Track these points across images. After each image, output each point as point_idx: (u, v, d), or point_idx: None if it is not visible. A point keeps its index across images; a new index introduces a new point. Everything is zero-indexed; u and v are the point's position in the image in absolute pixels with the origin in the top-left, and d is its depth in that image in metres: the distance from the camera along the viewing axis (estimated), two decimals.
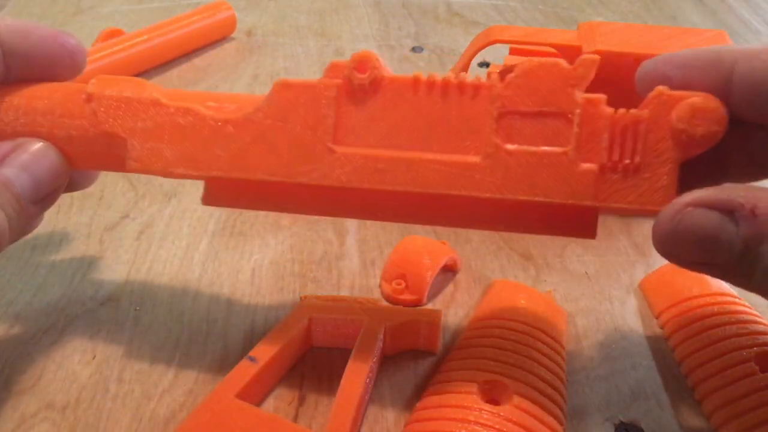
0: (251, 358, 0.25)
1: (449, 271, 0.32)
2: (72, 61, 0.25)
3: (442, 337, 0.28)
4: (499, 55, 0.47)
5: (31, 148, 0.24)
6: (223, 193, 0.24)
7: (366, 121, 0.22)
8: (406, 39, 0.54)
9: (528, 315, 0.28)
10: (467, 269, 0.32)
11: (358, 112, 0.22)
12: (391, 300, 0.30)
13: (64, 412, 0.25)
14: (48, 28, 0.25)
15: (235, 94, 0.25)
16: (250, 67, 0.49)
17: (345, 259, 0.32)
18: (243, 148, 0.23)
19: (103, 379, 0.27)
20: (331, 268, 0.32)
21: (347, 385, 0.24)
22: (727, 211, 0.19)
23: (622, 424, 0.25)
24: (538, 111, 0.21)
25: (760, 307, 0.28)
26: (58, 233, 0.34)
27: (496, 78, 0.22)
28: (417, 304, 0.30)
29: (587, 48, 0.32)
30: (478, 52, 0.35)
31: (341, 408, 0.24)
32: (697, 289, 0.29)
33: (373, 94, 0.22)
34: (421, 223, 0.24)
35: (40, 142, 0.24)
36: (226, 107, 0.23)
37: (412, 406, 0.25)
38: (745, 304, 0.28)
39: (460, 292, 0.31)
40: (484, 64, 0.49)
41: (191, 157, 0.23)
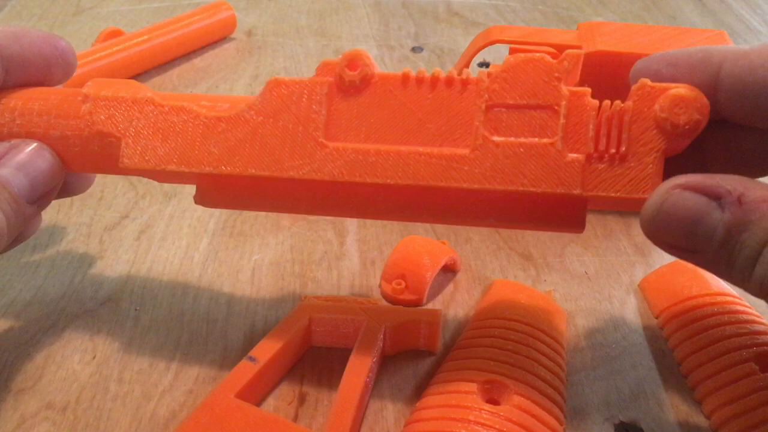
0: (251, 358, 0.25)
1: (449, 271, 0.32)
2: (64, 62, 0.26)
3: (442, 337, 0.28)
4: (499, 55, 0.48)
5: (27, 148, 0.24)
6: (216, 192, 0.25)
7: (357, 116, 0.23)
8: (406, 39, 0.54)
9: (528, 315, 0.28)
10: (467, 269, 0.32)
11: (349, 108, 0.23)
12: (391, 300, 0.30)
13: (64, 412, 0.25)
14: (38, 31, 0.25)
15: (229, 95, 0.25)
16: (250, 67, 0.49)
17: (345, 259, 0.32)
18: (235, 144, 0.23)
19: (103, 379, 0.27)
20: (331, 268, 0.32)
21: (347, 385, 0.24)
22: (713, 196, 0.19)
23: (622, 424, 0.25)
24: (525, 104, 0.22)
25: (760, 307, 0.28)
26: (58, 233, 0.34)
27: (484, 74, 0.22)
28: (417, 304, 0.30)
29: (587, 48, 0.32)
30: (478, 52, 0.35)
31: (341, 408, 0.24)
32: (697, 289, 0.29)
33: (363, 90, 0.23)
34: (412, 220, 0.24)
35: (35, 143, 0.24)
36: (219, 106, 0.24)
37: (412, 406, 0.25)
38: (745, 304, 0.28)
39: (460, 292, 0.31)
40: (484, 64, 0.49)
41: (183, 154, 0.24)
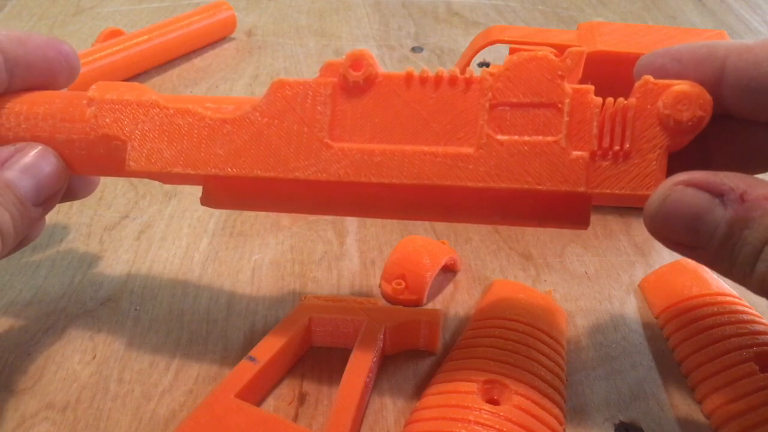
0: (251, 358, 0.25)
1: (449, 271, 0.32)
2: (68, 66, 0.26)
3: (442, 337, 0.28)
4: (499, 55, 0.48)
5: (32, 151, 0.24)
6: (222, 193, 0.25)
7: (361, 117, 0.23)
8: (406, 39, 0.54)
9: (528, 315, 0.28)
10: (467, 269, 0.32)
11: (353, 109, 0.23)
12: (391, 300, 0.30)
13: (64, 412, 0.25)
14: (42, 35, 0.25)
15: (234, 96, 0.25)
16: (250, 67, 0.49)
17: (345, 259, 0.32)
18: (240, 145, 0.23)
19: (103, 379, 0.27)
20: (331, 268, 0.32)
21: (347, 385, 0.24)
22: (716, 193, 0.19)
23: (622, 424, 0.25)
24: (529, 102, 0.22)
25: (760, 307, 0.28)
26: (58, 233, 0.34)
27: (488, 72, 0.22)
28: (417, 304, 0.30)
29: (587, 48, 0.32)
30: (478, 52, 0.35)
31: (341, 408, 0.24)
32: (697, 289, 0.29)
33: (367, 90, 0.23)
34: (417, 219, 0.24)
35: (40, 146, 0.24)
36: (224, 108, 0.24)
37: (412, 406, 0.25)
38: (745, 304, 0.28)
39: (460, 292, 0.31)
40: (484, 64, 0.49)
41: (189, 156, 0.23)
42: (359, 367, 0.25)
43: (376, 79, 0.23)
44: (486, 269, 0.32)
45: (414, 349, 0.28)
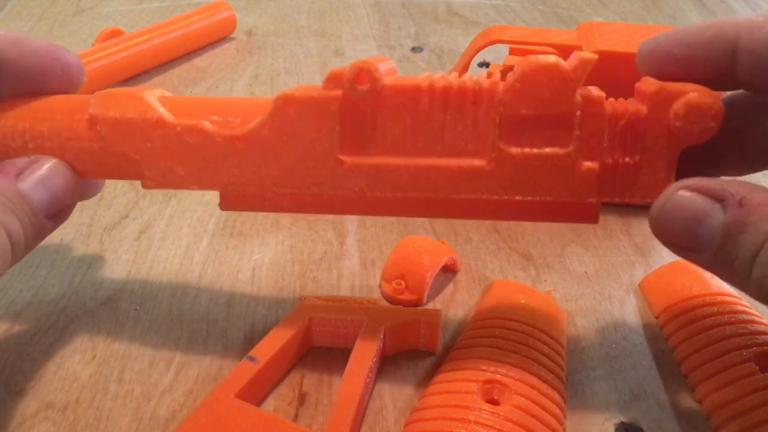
0: (251, 358, 0.25)
1: (449, 271, 0.32)
2: (66, 76, 0.25)
3: (442, 337, 0.28)
4: (499, 55, 0.48)
5: (47, 164, 0.24)
6: (240, 201, 0.25)
7: (371, 130, 0.22)
8: (406, 39, 0.54)
9: (528, 315, 0.28)
10: (467, 269, 0.32)
11: (362, 122, 0.22)
12: (391, 300, 0.30)
13: (64, 412, 0.25)
14: (41, 40, 0.25)
15: (236, 99, 0.25)
16: (250, 67, 0.49)
17: (345, 259, 0.32)
18: (253, 163, 0.23)
19: (103, 379, 0.27)
20: (331, 268, 0.32)
21: (347, 385, 0.24)
22: (717, 198, 0.19)
23: (622, 424, 0.25)
24: (540, 114, 0.21)
25: (760, 307, 0.28)
26: (58, 233, 0.34)
27: (497, 80, 0.22)
28: (417, 304, 0.30)
29: (587, 48, 0.32)
30: (478, 52, 0.35)
31: (341, 408, 0.24)
32: (697, 289, 0.29)
33: (375, 102, 0.22)
34: (426, 216, 0.24)
35: (54, 159, 0.24)
36: (231, 121, 0.23)
37: (412, 406, 0.25)
38: (745, 304, 0.28)
39: (460, 292, 0.31)
40: (484, 64, 0.49)
41: (204, 174, 0.24)
42: (359, 367, 0.25)
43: (382, 92, 0.22)
44: (486, 269, 0.32)
45: (414, 349, 0.28)
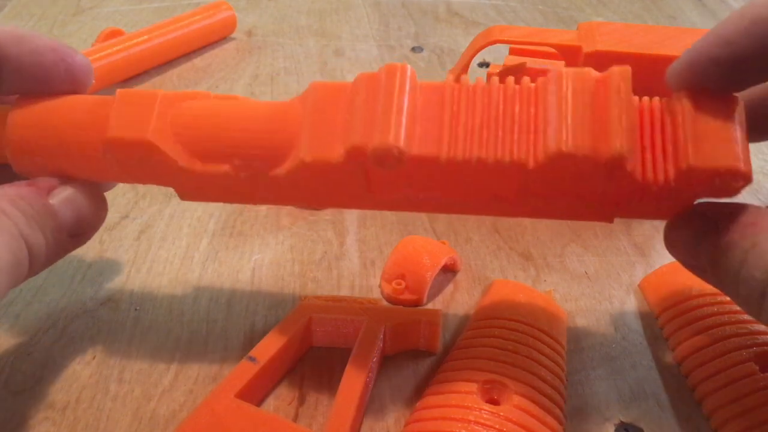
0: (251, 358, 0.25)
1: (449, 271, 0.32)
2: (69, 76, 0.24)
3: (442, 337, 0.28)
4: (499, 55, 0.47)
5: (78, 184, 0.24)
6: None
7: (397, 180, 0.23)
8: (406, 39, 0.54)
9: (528, 315, 0.28)
10: (467, 269, 0.32)
11: (388, 176, 0.22)
12: (391, 300, 0.30)
13: (64, 412, 0.25)
14: (47, 38, 0.24)
15: (252, 131, 0.23)
16: (250, 67, 0.49)
17: (345, 259, 0.32)
18: (283, 191, 0.24)
19: (103, 379, 0.27)
20: (331, 268, 0.32)
21: (347, 385, 0.24)
22: (714, 220, 0.21)
23: (622, 424, 0.25)
24: (565, 192, 0.22)
25: None
26: None
27: (523, 169, 0.21)
28: (417, 304, 0.30)
29: (587, 48, 0.32)
30: (478, 52, 0.35)
31: (341, 408, 0.24)
32: (697, 289, 0.29)
33: (398, 168, 0.21)
34: (439, 212, 0.25)
35: (85, 182, 0.24)
36: (253, 165, 0.23)
37: (412, 406, 0.25)
38: None
39: (460, 292, 0.31)
40: (484, 64, 0.49)
41: (234, 197, 0.25)
42: (359, 367, 0.25)
43: (408, 162, 0.21)
44: (486, 269, 0.32)
45: (414, 349, 0.28)
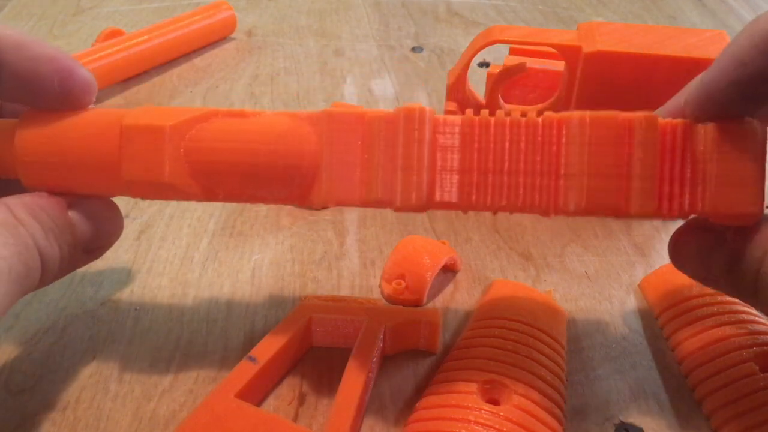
0: (251, 358, 0.25)
1: (449, 271, 0.32)
2: (64, 90, 0.22)
3: (442, 337, 0.28)
4: (499, 55, 0.47)
5: (99, 200, 0.24)
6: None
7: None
8: (406, 39, 0.54)
9: (528, 315, 0.28)
10: (467, 269, 0.32)
11: None
12: (391, 300, 0.30)
13: (64, 412, 0.25)
14: (50, 47, 0.22)
15: (271, 173, 0.22)
16: (250, 67, 0.49)
17: (345, 259, 0.32)
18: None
19: (103, 379, 0.27)
20: (331, 268, 0.32)
21: (347, 385, 0.24)
22: (722, 231, 0.21)
23: (622, 424, 0.25)
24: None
25: None
26: None
27: (540, 212, 0.21)
28: (417, 304, 0.30)
29: (587, 48, 0.32)
30: (478, 52, 0.35)
31: (341, 408, 0.24)
32: (697, 289, 0.29)
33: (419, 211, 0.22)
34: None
35: (107, 198, 0.25)
36: (271, 200, 0.24)
37: (412, 406, 0.25)
38: (745, 304, 0.28)
39: (460, 292, 0.31)
40: (484, 64, 0.49)
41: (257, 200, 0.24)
42: (359, 367, 0.25)
43: (427, 208, 0.22)
44: (486, 269, 0.32)
45: (414, 349, 0.28)
